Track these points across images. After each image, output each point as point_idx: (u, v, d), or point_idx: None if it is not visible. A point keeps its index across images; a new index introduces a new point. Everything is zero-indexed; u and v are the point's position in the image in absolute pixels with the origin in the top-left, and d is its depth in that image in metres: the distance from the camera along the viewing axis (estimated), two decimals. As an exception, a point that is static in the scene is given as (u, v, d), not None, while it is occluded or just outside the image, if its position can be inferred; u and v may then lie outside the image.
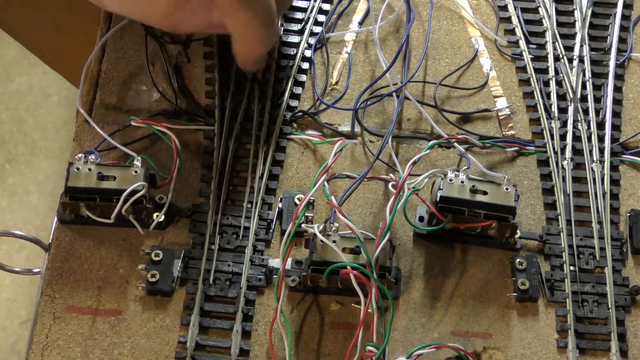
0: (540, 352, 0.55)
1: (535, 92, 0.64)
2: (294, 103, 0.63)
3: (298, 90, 0.64)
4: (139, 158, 0.56)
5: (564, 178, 0.61)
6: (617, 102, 0.64)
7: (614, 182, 0.61)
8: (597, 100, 0.64)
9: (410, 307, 0.57)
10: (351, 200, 0.60)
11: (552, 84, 0.65)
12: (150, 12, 0.56)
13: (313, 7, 0.67)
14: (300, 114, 0.63)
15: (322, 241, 0.52)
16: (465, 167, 0.57)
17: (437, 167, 0.61)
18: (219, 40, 0.64)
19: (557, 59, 0.66)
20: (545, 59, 0.66)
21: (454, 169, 0.55)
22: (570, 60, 0.66)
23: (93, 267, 0.57)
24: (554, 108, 0.64)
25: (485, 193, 0.55)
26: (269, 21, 0.56)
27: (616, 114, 0.64)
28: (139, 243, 0.58)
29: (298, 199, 0.59)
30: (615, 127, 0.63)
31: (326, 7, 0.68)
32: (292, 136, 0.62)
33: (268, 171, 0.60)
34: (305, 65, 0.65)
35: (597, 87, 0.65)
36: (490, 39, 0.68)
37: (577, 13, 0.68)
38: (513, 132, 0.63)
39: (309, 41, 0.66)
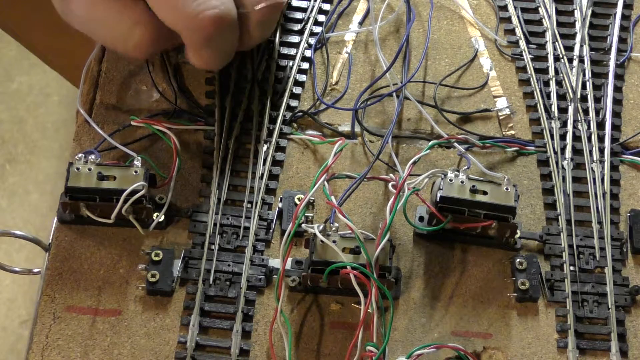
0: (540, 352, 0.55)
1: (535, 92, 0.64)
2: (294, 103, 0.63)
3: (298, 90, 0.64)
4: (139, 158, 0.56)
5: (564, 178, 0.61)
6: (617, 102, 0.64)
7: (614, 182, 0.61)
8: (597, 100, 0.64)
9: (410, 307, 0.57)
10: (351, 200, 0.60)
11: (552, 84, 0.65)
12: (124, 46, 0.57)
13: (313, 7, 0.67)
14: (300, 114, 0.63)
15: (322, 241, 0.52)
16: (465, 167, 0.57)
17: (437, 167, 0.61)
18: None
19: (557, 59, 0.66)
20: (545, 59, 0.66)
21: (454, 169, 0.55)
22: (570, 60, 0.66)
23: (93, 267, 0.57)
24: (554, 108, 0.63)
25: (485, 193, 0.55)
26: (226, 57, 0.58)
27: (616, 114, 0.64)
28: (139, 243, 0.58)
29: (298, 199, 0.59)
30: (615, 127, 0.63)
31: (326, 7, 0.68)
32: (292, 136, 0.62)
33: (268, 171, 0.60)
34: (305, 65, 0.65)
35: (597, 87, 0.65)
36: (490, 39, 0.68)
37: (577, 13, 0.68)
38: (513, 132, 0.63)
39: (309, 41, 0.66)
